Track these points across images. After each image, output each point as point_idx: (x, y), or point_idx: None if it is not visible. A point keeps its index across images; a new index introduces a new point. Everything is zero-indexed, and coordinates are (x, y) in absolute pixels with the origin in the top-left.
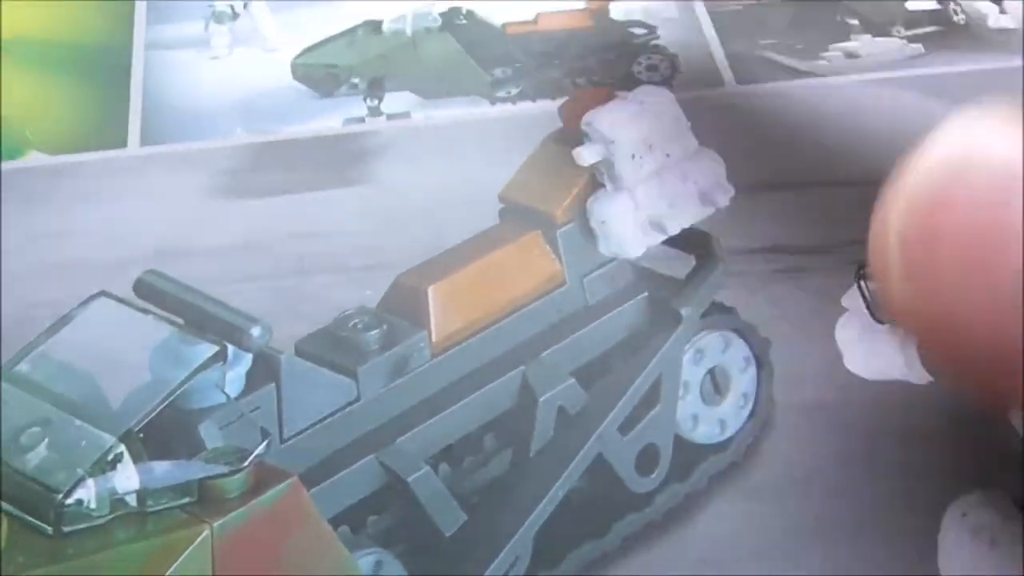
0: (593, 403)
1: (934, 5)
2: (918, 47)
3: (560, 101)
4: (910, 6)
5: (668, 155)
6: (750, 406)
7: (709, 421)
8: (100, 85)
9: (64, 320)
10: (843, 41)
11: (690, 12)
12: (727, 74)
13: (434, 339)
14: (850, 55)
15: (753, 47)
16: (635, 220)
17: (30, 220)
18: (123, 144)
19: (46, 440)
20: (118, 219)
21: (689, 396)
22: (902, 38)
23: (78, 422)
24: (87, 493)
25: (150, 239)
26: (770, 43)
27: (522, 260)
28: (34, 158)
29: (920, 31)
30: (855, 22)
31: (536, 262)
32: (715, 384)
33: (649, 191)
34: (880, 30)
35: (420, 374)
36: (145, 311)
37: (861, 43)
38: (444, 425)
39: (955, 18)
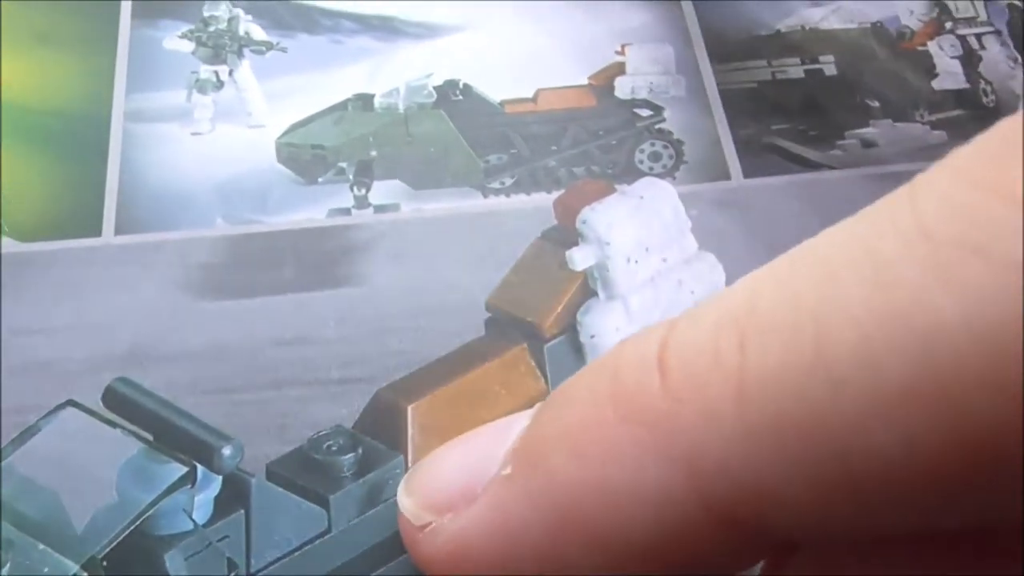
0: None
1: (963, 84)
2: (941, 134)
3: (556, 194)
4: (936, 85)
5: (665, 259)
6: None
7: None
8: (77, 161)
9: (30, 431)
10: (861, 127)
11: (700, 91)
12: (735, 165)
13: (411, 463)
14: (867, 143)
15: (764, 132)
16: (626, 336)
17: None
18: (98, 232)
19: (8, 564)
20: (89, 316)
21: None
22: (925, 123)
23: (41, 546)
24: None
25: (122, 340)
26: (782, 128)
27: (506, 378)
28: (4, 244)
29: (945, 115)
30: (876, 104)
31: (521, 380)
32: None
33: (643, 300)
34: (901, 114)
35: (394, 504)
36: (113, 424)
37: (880, 130)
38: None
39: (985, 99)
